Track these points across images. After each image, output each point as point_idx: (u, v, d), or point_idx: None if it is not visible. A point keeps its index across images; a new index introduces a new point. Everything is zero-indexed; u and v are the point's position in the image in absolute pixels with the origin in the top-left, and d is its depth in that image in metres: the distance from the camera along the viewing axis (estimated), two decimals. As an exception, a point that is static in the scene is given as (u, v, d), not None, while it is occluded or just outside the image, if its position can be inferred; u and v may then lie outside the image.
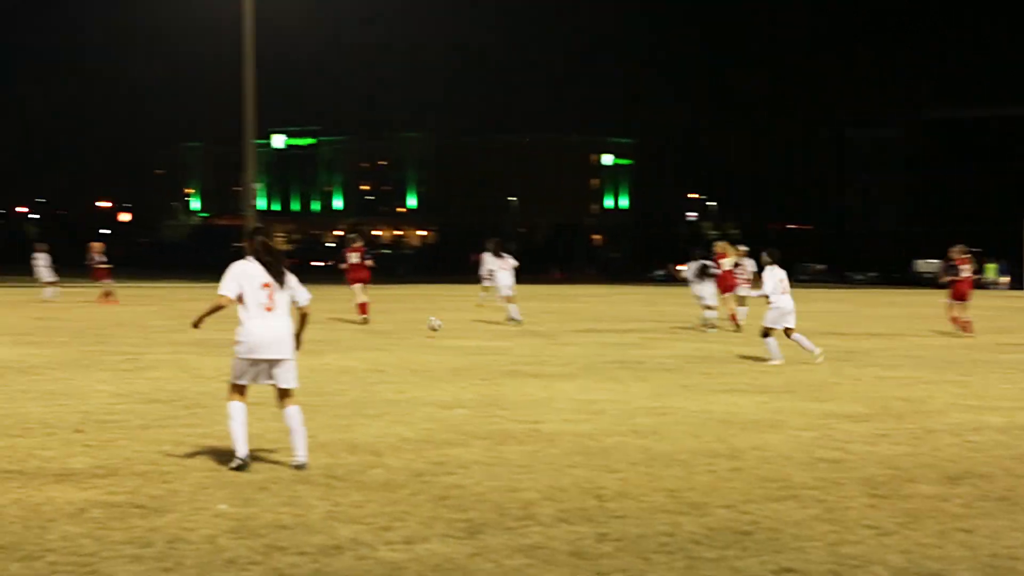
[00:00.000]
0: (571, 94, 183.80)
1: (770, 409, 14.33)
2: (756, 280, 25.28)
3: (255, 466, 10.10)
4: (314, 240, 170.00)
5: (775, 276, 19.85)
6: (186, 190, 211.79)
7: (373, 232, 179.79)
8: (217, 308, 9.97)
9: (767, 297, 19.89)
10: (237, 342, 9.89)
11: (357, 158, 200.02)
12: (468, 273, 53.83)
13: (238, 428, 9.81)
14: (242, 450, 9.79)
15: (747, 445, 11.63)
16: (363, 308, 29.89)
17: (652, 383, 16.99)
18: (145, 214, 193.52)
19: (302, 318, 10.28)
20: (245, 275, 9.91)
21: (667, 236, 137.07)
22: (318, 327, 28.22)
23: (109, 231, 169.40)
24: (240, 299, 9.91)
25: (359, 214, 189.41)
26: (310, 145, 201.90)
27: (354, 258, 30.47)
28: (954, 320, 28.54)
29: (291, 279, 10.08)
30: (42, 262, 41.12)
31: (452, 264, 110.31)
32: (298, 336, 10.13)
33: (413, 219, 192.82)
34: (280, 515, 8.36)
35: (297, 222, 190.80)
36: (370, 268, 30.65)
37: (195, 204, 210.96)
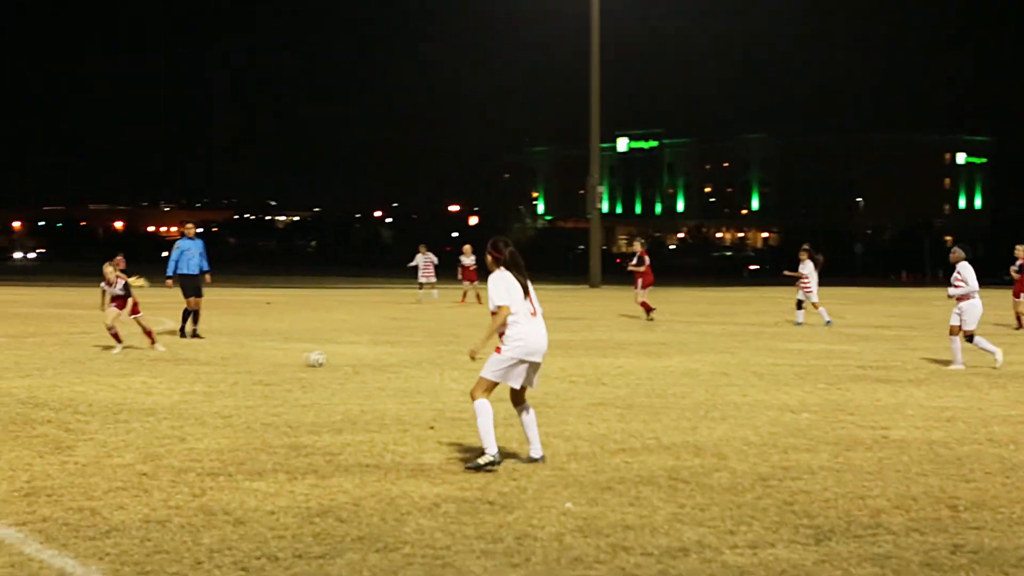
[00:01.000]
0: (923, 92, 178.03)
1: None
2: None
3: (599, 466, 10.20)
4: (657, 243, 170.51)
5: None
6: (532, 193, 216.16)
7: (716, 234, 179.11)
8: (503, 323, 10.05)
9: None
10: (512, 345, 9.99)
11: (700, 160, 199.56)
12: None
13: (491, 426, 9.94)
14: (494, 448, 9.89)
15: (1116, 458, 10.94)
16: (646, 306, 31.99)
17: (1010, 390, 16.22)
18: (493, 217, 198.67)
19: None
20: (512, 284, 10.08)
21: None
22: (663, 330, 28.30)
23: (458, 234, 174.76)
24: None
25: (701, 216, 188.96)
26: (652, 148, 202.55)
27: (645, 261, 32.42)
28: None
29: (529, 286, 10.31)
30: (421, 262, 42.22)
31: (796, 266, 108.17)
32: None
33: (756, 221, 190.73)
34: (625, 515, 8.41)
35: (639, 224, 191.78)
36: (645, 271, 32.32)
37: (540, 207, 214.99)
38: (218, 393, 14.90)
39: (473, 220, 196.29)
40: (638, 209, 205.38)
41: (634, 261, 32.55)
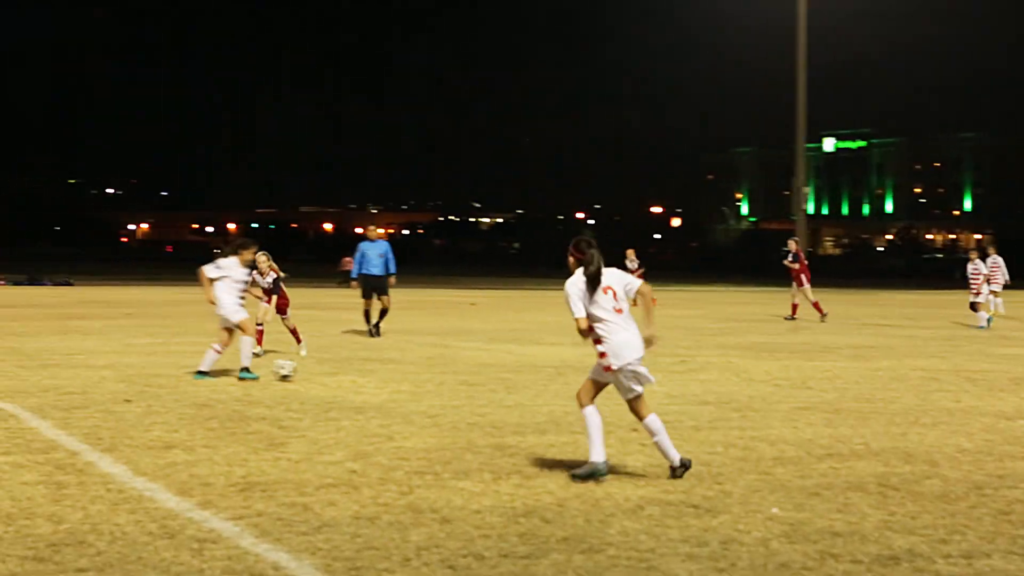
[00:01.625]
0: None
1: None
2: None
3: (805, 471, 10.05)
4: (865, 244, 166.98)
5: None
6: (736, 194, 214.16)
7: (926, 236, 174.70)
8: (590, 331, 9.63)
9: None
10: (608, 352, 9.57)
11: (909, 160, 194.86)
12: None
13: (601, 434, 9.55)
14: (602, 455, 9.53)
15: None
16: (795, 309, 32.84)
17: None
18: (695, 218, 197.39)
19: None
20: (585, 289, 9.72)
21: None
22: (870, 333, 27.73)
23: (660, 235, 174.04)
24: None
25: (910, 217, 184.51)
26: (860, 148, 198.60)
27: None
28: None
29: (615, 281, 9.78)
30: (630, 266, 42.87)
31: (1014, 268, 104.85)
32: None
33: (968, 222, 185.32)
34: (833, 521, 8.27)
35: (846, 226, 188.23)
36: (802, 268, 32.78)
37: (744, 208, 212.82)
38: (424, 393, 15.15)
39: (676, 221, 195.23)
40: (845, 210, 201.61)
41: (789, 258, 32.63)
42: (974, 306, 29.89)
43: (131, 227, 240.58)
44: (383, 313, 24.58)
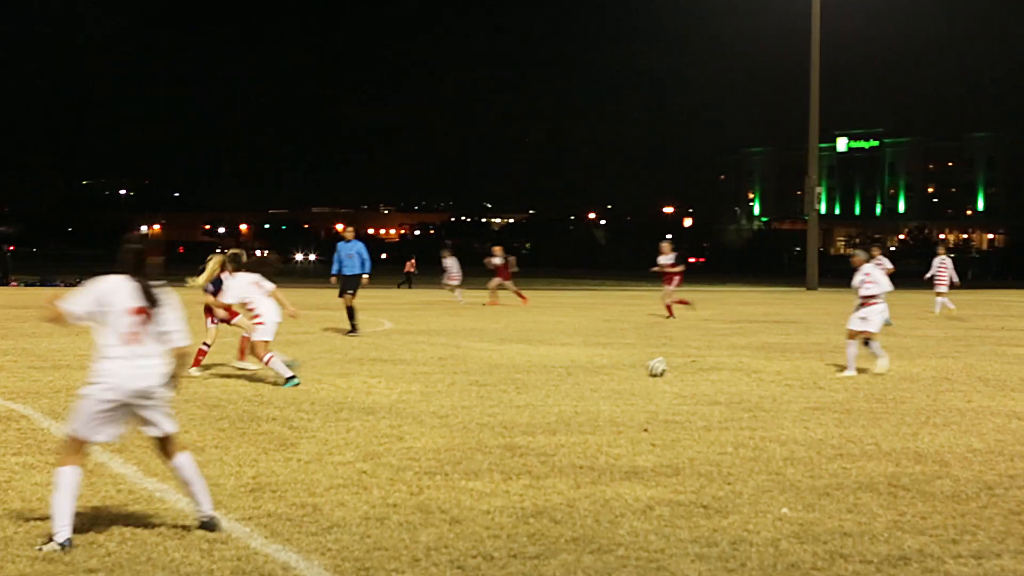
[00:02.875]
0: None
1: None
2: None
3: (815, 471, 10.03)
4: (877, 244, 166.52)
5: None
6: (748, 194, 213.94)
7: (939, 235, 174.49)
8: None
9: None
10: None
11: (922, 160, 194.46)
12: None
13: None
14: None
15: None
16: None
17: None
18: (707, 218, 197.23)
19: None
20: None
21: None
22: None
23: (671, 235, 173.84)
24: None
25: (923, 217, 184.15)
26: (873, 147, 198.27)
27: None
28: None
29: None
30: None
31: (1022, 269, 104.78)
32: None
33: (981, 222, 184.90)
34: (843, 522, 8.25)
35: (859, 226, 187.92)
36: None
37: (756, 209, 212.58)
38: (435, 393, 15.15)
39: (688, 221, 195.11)
40: (857, 210, 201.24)
41: (667, 260, 32.73)
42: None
43: (143, 228, 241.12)
44: (352, 311, 24.93)
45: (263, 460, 10.33)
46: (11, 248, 57.42)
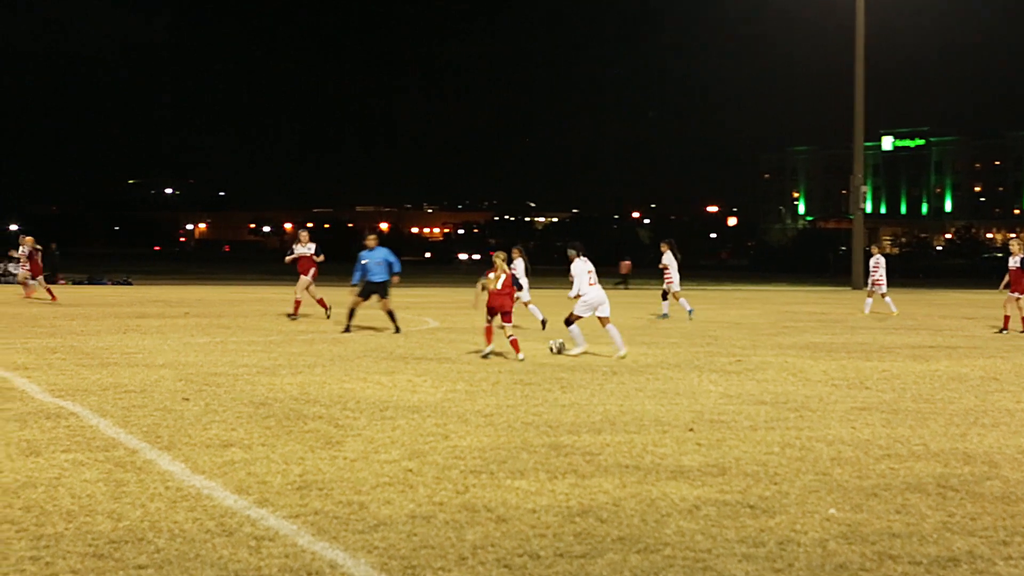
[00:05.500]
0: None
1: None
2: None
3: (863, 472, 9.97)
4: (924, 243, 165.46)
5: None
6: (793, 193, 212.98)
7: (986, 235, 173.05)
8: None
9: None
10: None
11: (969, 158, 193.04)
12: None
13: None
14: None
15: None
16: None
17: None
18: (751, 217, 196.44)
19: None
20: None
21: None
22: (929, 332, 27.48)
23: (716, 235, 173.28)
24: None
25: (970, 216, 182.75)
26: (919, 146, 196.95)
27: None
28: None
29: None
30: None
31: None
32: None
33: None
34: (891, 523, 8.20)
35: (905, 225, 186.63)
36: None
37: (801, 208, 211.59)
38: (480, 392, 15.16)
39: (732, 221, 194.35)
40: (903, 209, 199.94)
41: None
42: (665, 295, 33.00)
43: (189, 227, 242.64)
44: (391, 314, 24.88)
45: (309, 458, 10.37)
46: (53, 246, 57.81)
